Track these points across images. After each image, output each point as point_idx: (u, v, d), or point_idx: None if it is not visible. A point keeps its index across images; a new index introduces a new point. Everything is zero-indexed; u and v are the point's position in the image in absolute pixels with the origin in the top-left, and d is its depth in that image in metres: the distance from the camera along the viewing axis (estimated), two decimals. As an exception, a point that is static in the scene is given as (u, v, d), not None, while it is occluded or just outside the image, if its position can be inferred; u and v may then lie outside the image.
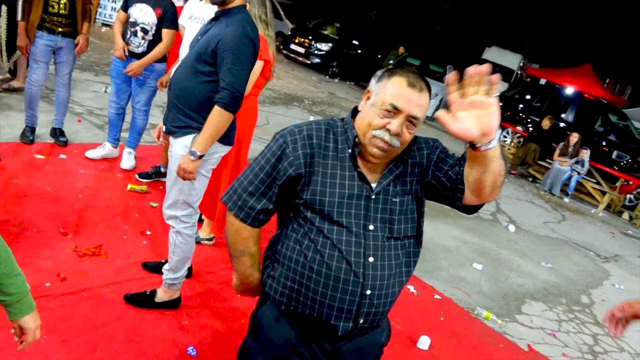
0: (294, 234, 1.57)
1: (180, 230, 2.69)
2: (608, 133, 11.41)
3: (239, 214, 1.59)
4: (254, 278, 1.70)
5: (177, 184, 2.60)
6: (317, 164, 1.53)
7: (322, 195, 1.52)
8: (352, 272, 1.51)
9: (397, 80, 1.49)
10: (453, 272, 4.65)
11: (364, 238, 1.53)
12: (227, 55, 2.37)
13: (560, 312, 4.61)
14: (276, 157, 1.54)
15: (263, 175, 1.56)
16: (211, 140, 2.46)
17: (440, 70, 15.15)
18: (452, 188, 1.57)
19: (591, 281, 5.67)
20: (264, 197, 1.57)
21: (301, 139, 1.54)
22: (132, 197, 4.00)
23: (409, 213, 1.60)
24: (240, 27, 2.40)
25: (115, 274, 3.02)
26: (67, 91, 4.47)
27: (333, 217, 1.52)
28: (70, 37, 4.24)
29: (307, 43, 14.53)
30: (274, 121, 7.76)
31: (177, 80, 2.54)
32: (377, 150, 1.51)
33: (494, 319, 4.00)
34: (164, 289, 2.84)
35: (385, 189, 1.57)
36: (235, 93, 2.40)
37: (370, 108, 1.53)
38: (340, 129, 1.60)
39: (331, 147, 1.56)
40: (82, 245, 3.18)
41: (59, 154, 4.29)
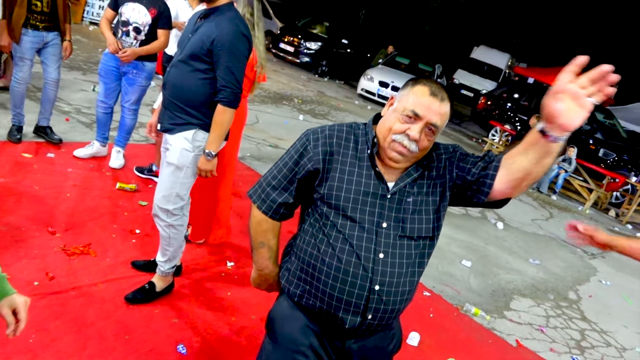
0: (311, 228, 1.64)
1: (171, 223, 2.75)
2: (594, 131, 11.52)
3: (262, 206, 1.68)
4: (270, 270, 1.78)
5: (172, 177, 2.66)
6: (336, 161, 1.60)
7: (338, 191, 1.58)
8: (362, 266, 1.55)
9: (420, 89, 1.56)
10: (442, 269, 4.68)
11: (375, 235, 1.57)
12: (224, 54, 2.46)
13: (547, 308, 4.66)
14: (298, 154, 1.64)
15: (286, 171, 1.65)
16: (221, 139, 2.61)
17: (429, 69, 15.21)
18: (478, 181, 1.61)
19: (578, 277, 5.73)
20: (285, 192, 1.66)
21: (322, 137, 1.63)
22: (121, 196, 3.98)
23: (424, 214, 1.63)
24: (234, 25, 2.49)
25: (104, 273, 3.01)
26: (56, 89, 4.44)
27: (347, 212, 1.57)
28: (54, 30, 4.23)
29: (296, 42, 14.54)
30: (264, 120, 7.75)
31: (173, 79, 2.59)
32: (396, 154, 1.56)
33: (482, 315, 4.04)
34: (162, 278, 2.91)
35: (402, 190, 1.62)
36: (235, 90, 2.54)
37: (392, 113, 1.60)
38: (362, 131, 1.67)
39: (351, 146, 1.63)
40: (70, 244, 3.17)
41: (47, 153, 4.26)
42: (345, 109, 11.01)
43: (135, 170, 4.42)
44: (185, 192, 2.74)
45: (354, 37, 16.27)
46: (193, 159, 2.65)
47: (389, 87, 12.92)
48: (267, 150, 6.37)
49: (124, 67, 4.10)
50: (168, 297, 2.95)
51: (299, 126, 8.14)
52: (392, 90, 12.75)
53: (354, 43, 16.04)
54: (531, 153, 1.46)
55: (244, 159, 5.71)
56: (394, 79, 13.09)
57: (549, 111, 1.33)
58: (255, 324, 2.95)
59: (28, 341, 2.34)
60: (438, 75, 15.10)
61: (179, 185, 2.68)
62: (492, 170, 1.60)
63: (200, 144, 2.63)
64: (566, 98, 1.29)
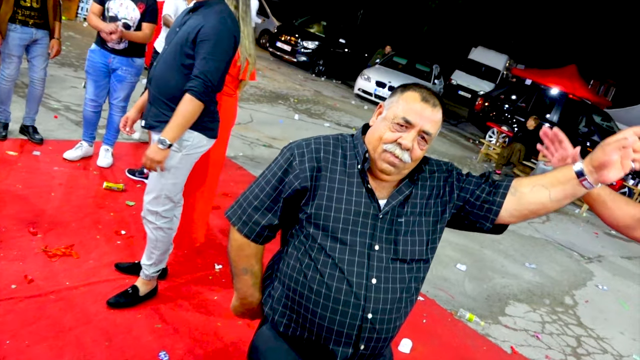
0: (295, 251, 1.51)
1: (160, 225, 2.65)
2: (592, 133, 11.45)
3: (243, 229, 1.54)
4: (255, 298, 1.64)
5: (162, 178, 2.55)
6: (324, 177, 1.48)
7: (327, 210, 1.46)
8: (353, 294, 1.44)
9: (411, 95, 1.47)
10: (437, 273, 4.59)
11: (367, 258, 1.47)
12: (204, 45, 2.34)
13: (543, 313, 4.58)
14: (283, 170, 1.50)
15: (269, 189, 1.51)
16: (180, 129, 2.40)
17: (426, 69, 15.13)
18: (483, 207, 1.53)
19: (574, 282, 5.65)
20: (269, 212, 1.52)
21: (308, 152, 1.49)
22: (108, 196, 3.88)
23: (417, 235, 1.53)
24: (221, 19, 2.38)
25: (86, 276, 2.91)
26: (42, 87, 4.33)
27: (337, 234, 1.46)
28: (43, 28, 4.12)
29: (293, 41, 14.45)
30: (258, 119, 7.66)
31: (159, 74, 2.48)
32: (387, 165, 1.46)
33: (477, 321, 3.95)
34: (145, 282, 2.81)
35: (394, 208, 1.51)
36: (207, 82, 2.34)
37: (381, 122, 1.49)
38: (350, 144, 1.55)
39: (339, 161, 1.51)
40: (52, 245, 3.06)
41: (33, 151, 4.16)
42: (341, 109, 10.92)
43: (127, 172, 4.31)
44: (176, 193, 2.64)
45: (351, 37, 16.19)
46: (181, 158, 2.55)
47: (386, 87, 12.83)
48: (261, 150, 6.28)
49: (114, 64, 3.98)
50: (152, 301, 2.85)
51: (294, 126, 8.05)
52: (389, 90, 12.66)
53: (352, 43, 15.95)
54: (556, 190, 1.42)
55: (237, 159, 5.62)
56: (391, 79, 13.00)
57: (605, 160, 1.31)
58: (242, 330, 2.85)
59: (2, 347, 2.25)
60: (435, 75, 15.01)
61: (169, 186, 2.57)
62: (499, 196, 1.52)
63: (188, 142, 2.53)
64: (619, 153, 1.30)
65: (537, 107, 12.25)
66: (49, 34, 4.18)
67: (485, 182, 1.55)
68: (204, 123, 2.51)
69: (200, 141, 2.58)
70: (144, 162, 2.41)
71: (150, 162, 2.39)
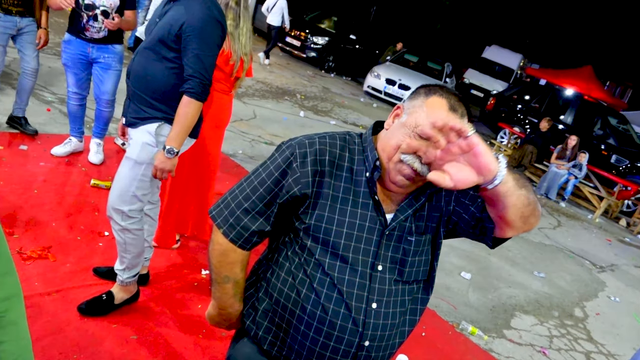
0: (288, 263, 1.33)
1: (126, 226, 2.45)
2: (607, 136, 11.15)
3: (230, 233, 1.33)
4: (235, 309, 1.45)
5: (130, 173, 2.37)
6: (327, 185, 1.29)
7: (329, 223, 1.28)
8: (352, 319, 1.27)
9: (437, 102, 1.28)
10: (439, 281, 4.37)
11: (369, 280, 1.29)
12: (194, 40, 2.18)
13: (551, 326, 4.34)
14: (280, 172, 1.30)
15: (263, 191, 1.31)
16: (185, 134, 2.31)
17: (438, 67, 14.84)
18: (478, 225, 1.36)
19: (585, 293, 5.40)
20: (261, 217, 1.32)
21: (312, 153, 1.29)
22: (95, 194, 3.70)
23: (423, 255, 1.36)
24: (207, 9, 2.22)
25: (60, 280, 2.73)
26: (34, 78, 4.17)
27: (338, 250, 1.27)
28: (29, 16, 3.96)
29: (303, 36, 14.21)
30: (261, 115, 7.46)
31: (138, 67, 2.31)
32: (402, 178, 1.26)
33: (480, 335, 3.73)
34: (122, 288, 2.62)
35: (402, 224, 1.33)
36: (204, 81, 2.24)
37: (400, 128, 1.29)
38: (358, 147, 1.34)
39: (345, 167, 1.31)
40: (28, 246, 2.89)
41: (20, 145, 3.99)
42: (349, 106, 10.69)
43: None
44: (144, 192, 2.43)
45: (362, 33, 15.93)
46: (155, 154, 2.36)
47: (396, 84, 12.57)
48: (261, 147, 6.08)
49: (93, 54, 3.76)
50: (129, 309, 2.67)
51: (298, 123, 7.84)
52: (400, 88, 12.41)
53: (363, 39, 15.69)
54: (491, 206, 1.25)
55: (235, 156, 5.43)
56: (401, 77, 12.74)
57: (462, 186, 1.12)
58: (225, 344, 2.66)
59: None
60: (447, 74, 14.71)
61: (137, 183, 2.38)
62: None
63: (164, 138, 2.35)
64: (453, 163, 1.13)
65: (551, 108, 11.93)
66: (35, 22, 4.02)
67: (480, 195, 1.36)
68: None
69: None
70: (153, 173, 2.33)
71: (161, 173, 2.31)
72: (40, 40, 4.03)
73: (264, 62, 11.66)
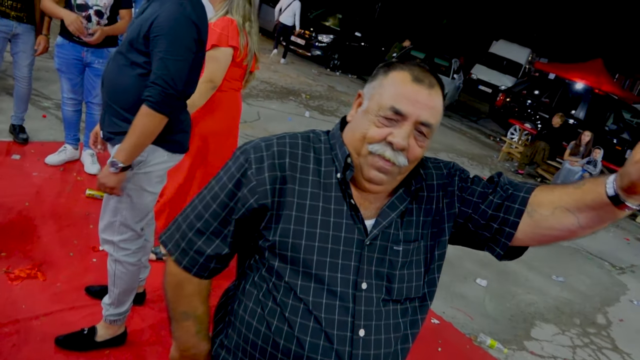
0: (255, 290, 1.12)
1: (119, 258, 2.18)
2: (621, 131, 10.86)
3: (182, 259, 1.14)
4: (200, 350, 1.23)
5: (111, 201, 2.09)
6: (291, 192, 1.09)
7: (297, 237, 1.07)
8: (335, 353, 1.06)
9: (398, 76, 1.10)
10: (454, 289, 4.16)
11: (352, 301, 1.08)
12: (161, 41, 1.86)
13: (574, 335, 4.11)
14: (235, 182, 1.10)
15: (216, 207, 1.12)
16: (137, 149, 1.93)
17: (445, 64, 14.59)
18: (492, 228, 1.15)
19: (606, 297, 5.16)
20: (217, 237, 1.12)
21: (269, 156, 1.10)
22: (90, 205, 3.51)
23: (414, 267, 1.14)
24: (179, 6, 1.89)
25: (50, 302, 2.54)
26: (28, 86, 3.99)
27: (311, 269, 1.07)
28: (27, 23, 3.77)
29: (307, 34, 14.01)
30: (266, 116, 7.27)
31: (109, 75, 2.02)
32: (377, 172, 1.07)
33: (499, 348, 3.51)
34: (106, 325, 2.34)
35: (386, 231, 1.12)
36: (167, 90, 1.87)
37: (363, 116, 1.11)
38: (325, 145, 1.15)
39: (311, 169, 1.11)
40: (16, 265, 2.71)
41: (12, 155, 3.82)
42: (355, 105, 10.47)
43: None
44: (135, 219, 2.13)
45: (368, 30, 15.70)
46: (134, 178, 2.05)
47: (402, 82, 12.34)
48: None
49: (88, 58, 3.58)
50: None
51: (303, 123, 7.64)
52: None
53: (368, 36, 15.47)
54: (586, 217, 1.02)
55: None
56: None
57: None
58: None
59: None
60: (455, 70, 14.45)
61: (124, 211, 2.09)
62: (513, 214, 1.12)
63: (142, 158, 2.03)
64: None
65: (562, 103, 11.66)
66: (34, 29, 3.84)
67: (494, 192, 1.16)
68: (164, 134, 2.01)
69: (159, 157, 2.08)
70: (97, 186, 2.00)
71: (104, 188, 1.98)
72: (39, 46, 3.85)
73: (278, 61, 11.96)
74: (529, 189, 1.14)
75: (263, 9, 14.58)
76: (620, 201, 0.96)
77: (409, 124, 1.06)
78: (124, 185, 2.04)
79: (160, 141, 2.03)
